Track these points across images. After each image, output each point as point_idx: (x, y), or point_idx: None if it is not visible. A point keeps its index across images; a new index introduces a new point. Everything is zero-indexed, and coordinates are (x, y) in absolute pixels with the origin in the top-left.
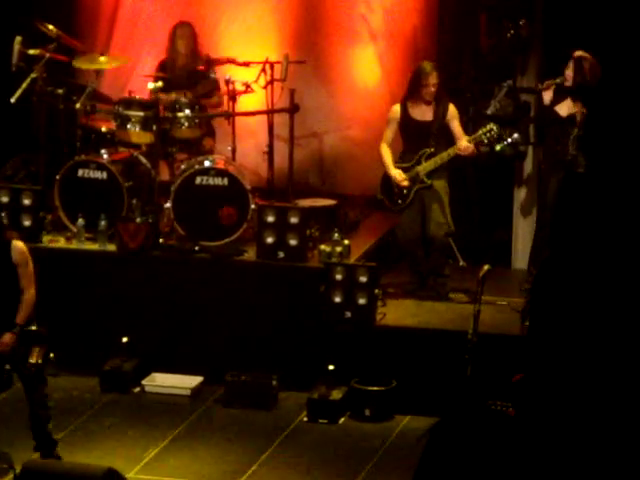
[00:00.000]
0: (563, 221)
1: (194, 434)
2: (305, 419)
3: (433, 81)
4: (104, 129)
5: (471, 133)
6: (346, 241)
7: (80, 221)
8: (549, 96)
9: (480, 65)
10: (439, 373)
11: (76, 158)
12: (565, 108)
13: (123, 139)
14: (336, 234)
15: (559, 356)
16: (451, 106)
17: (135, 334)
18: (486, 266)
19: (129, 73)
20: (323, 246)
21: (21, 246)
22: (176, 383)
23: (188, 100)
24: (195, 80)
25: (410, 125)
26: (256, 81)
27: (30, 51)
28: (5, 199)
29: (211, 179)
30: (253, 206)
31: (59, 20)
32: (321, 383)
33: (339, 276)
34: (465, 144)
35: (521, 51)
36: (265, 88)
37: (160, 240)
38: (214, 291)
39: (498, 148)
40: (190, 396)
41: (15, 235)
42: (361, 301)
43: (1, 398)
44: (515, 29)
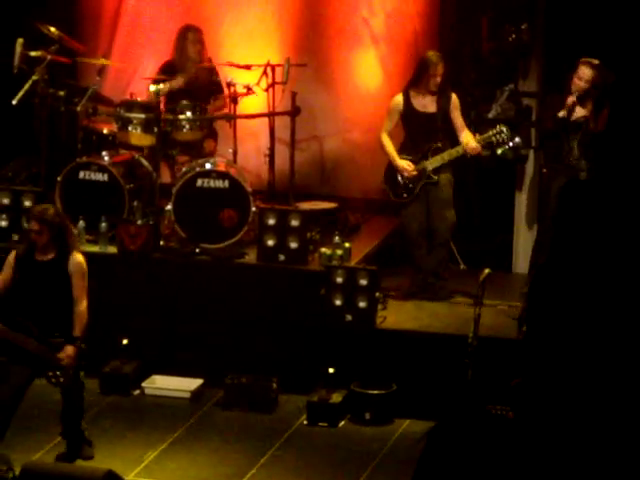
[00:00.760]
0: (562, 227)
1: (194, 437)
2: (305, 422)
3: (440, 71)
4: (105, 131)
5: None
6: (347, 244)
7: (81, 223)
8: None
9: (481, 69)
10: (439, 377)
11: (77, 160)
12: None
13: (124, 141)
14: (337, 237)
15: (556, 360)
16: (454, 96)
17: (135, 336)
18: (487, 270)
19: (131, 75)
20: (324, 249)
21: (79, 258)
22: (176, 386)
23: (190, 102)
24: (211, 92)
25: (413, 116)
26: (258, 84)
27: (32, 53)
28: (6, 201)
29: (212, 181)
30: (254, 209)
31: (61, 22)
32: (321, 386)
33: (340, 279)
34: (474, 145)
35: (522, 55)
36: (266, 91)
37: (161, 242)
38: (214, 293)
39: (499, 152)
40: (190, 399)
41: (78, 247)
42: (361, 304)
43: None
44: (516, 33)
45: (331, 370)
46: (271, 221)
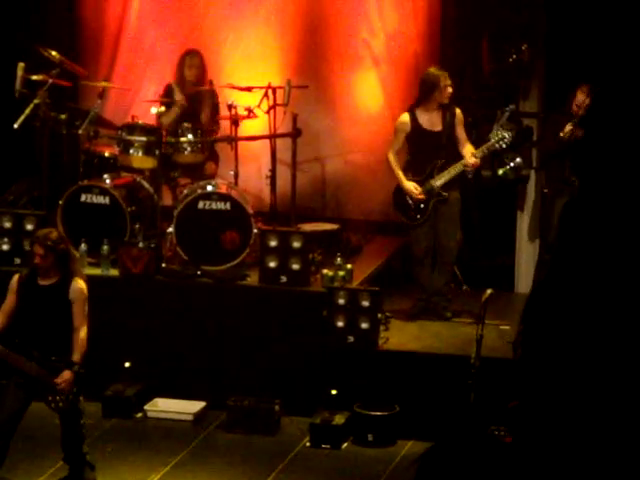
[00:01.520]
0: (562, 246)
1: (197, 460)
2: (308, 444)
3: (448, 82)
4: (107, 154)
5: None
6: (349, 265)
7: (83, 246)
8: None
9: (482, 90)
10: (442, 398)
11: (79, 183)
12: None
13: (126, 164)
14: (339, 258)
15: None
16: (458, 110)
17: (137, 359)
18: (489, 290)
19: (132, 98)
20: (326, 270)
21: (81, 284)
22: (178, 408)
23: (191, 125)
24: (199, 105)
25: (420, 135)
26: (259, 106)
27: (33, 77)
28: (8, 224)
29: (214, 203)
30: (256, 230)
31: (62, 46)
32: (324, 408)
33: (342, 300)
34: (473, 161)
35: (523, 76)
36: (268, 113)
37: (163, 265)
38: (217, 316)
39: (500, 172)
40: (192, 421)
41: (81, 271)
42: (364, 325)
43: None
44: (517, 54)
45: (333, 392)
46: (273, 243)
